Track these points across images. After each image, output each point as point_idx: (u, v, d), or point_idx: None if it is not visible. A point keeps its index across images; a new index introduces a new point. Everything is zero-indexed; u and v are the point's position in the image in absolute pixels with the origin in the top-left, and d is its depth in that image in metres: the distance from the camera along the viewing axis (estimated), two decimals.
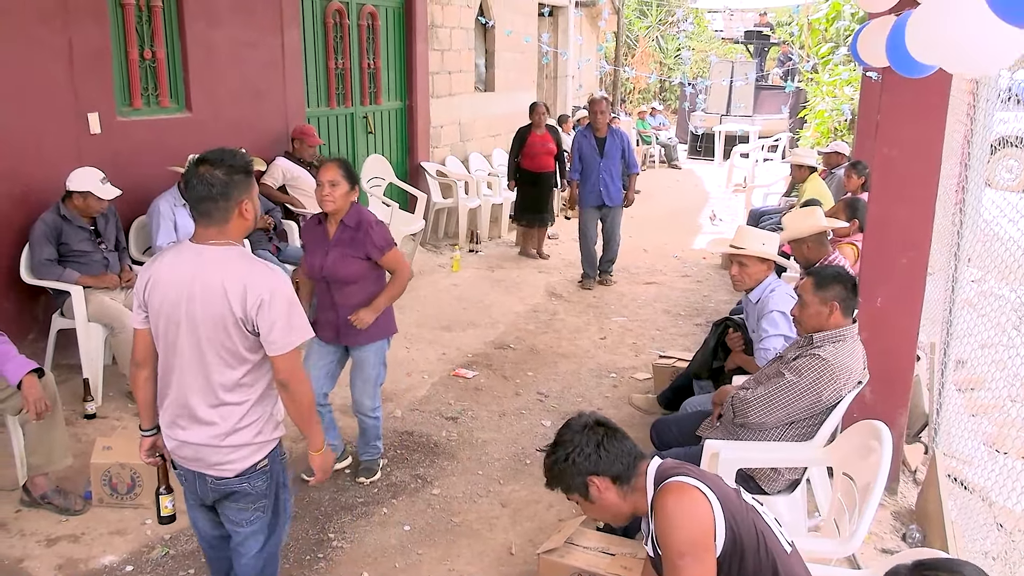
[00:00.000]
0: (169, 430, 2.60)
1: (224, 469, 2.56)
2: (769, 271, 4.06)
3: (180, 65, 6.08)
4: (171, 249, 2.58)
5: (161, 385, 2.61)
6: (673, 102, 23.43)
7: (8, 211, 4.93)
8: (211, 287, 2.43)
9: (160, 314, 2.51)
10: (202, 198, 2.47)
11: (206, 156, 2.51)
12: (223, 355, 2.48)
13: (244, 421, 2.55)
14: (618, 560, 3.22)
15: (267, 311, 2.43)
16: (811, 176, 7.61)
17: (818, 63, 13.94)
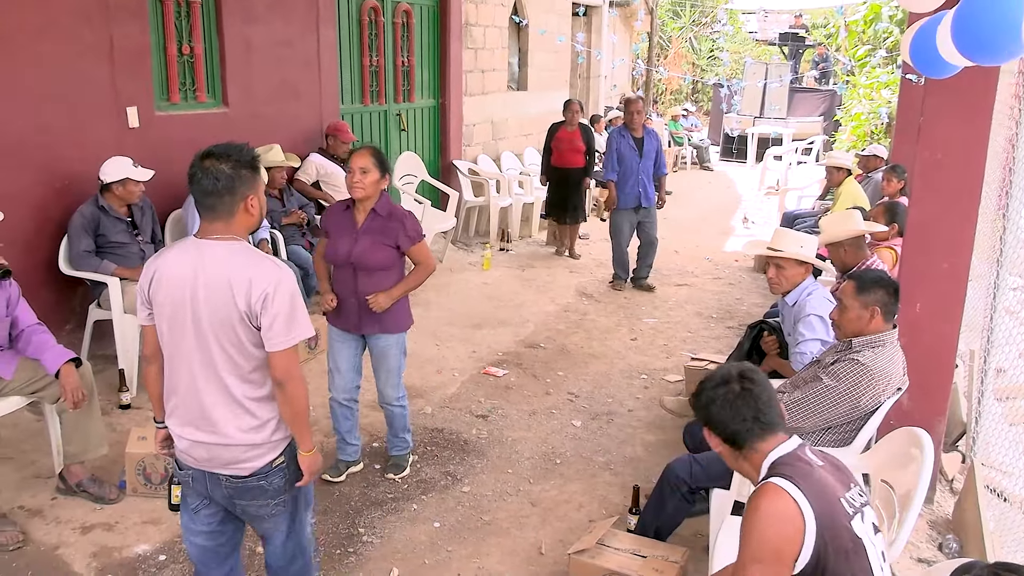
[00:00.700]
0: (180, 430, 2.53)
1: (239, 468, 2.52)
2: (806, 274, 4.01)
3: (218, 61, 6.13)
4: (175, 245, 2.53)
5: (167, 384, 2.56)
6: (705, 104, 23.28)
7: (48, 203, 5.00)
8: (216, 283, 2.39)
9: (165, 312, 2.47)
10: (207, 192, 2.42)
11: (211, 150, 2.45)
12: (231, 352, 2.44)
13: (258, 419, 2.51)
14: (650, 563, 3.19)
15: (270, 305, 2.38)
16: (847, 179, 7.51)
17: (855, 65, 13.78)
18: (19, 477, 4.06)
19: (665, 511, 3.45)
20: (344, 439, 4.22)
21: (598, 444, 4.73)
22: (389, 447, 4.35)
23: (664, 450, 4.63)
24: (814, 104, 17.54)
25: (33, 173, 4.92)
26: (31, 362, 3.76)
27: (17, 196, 4.73)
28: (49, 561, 3.47)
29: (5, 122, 4.72)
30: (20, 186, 4.82)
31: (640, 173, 7.62)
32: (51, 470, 4.03)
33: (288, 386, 2.46)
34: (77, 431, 3.82)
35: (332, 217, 4.05)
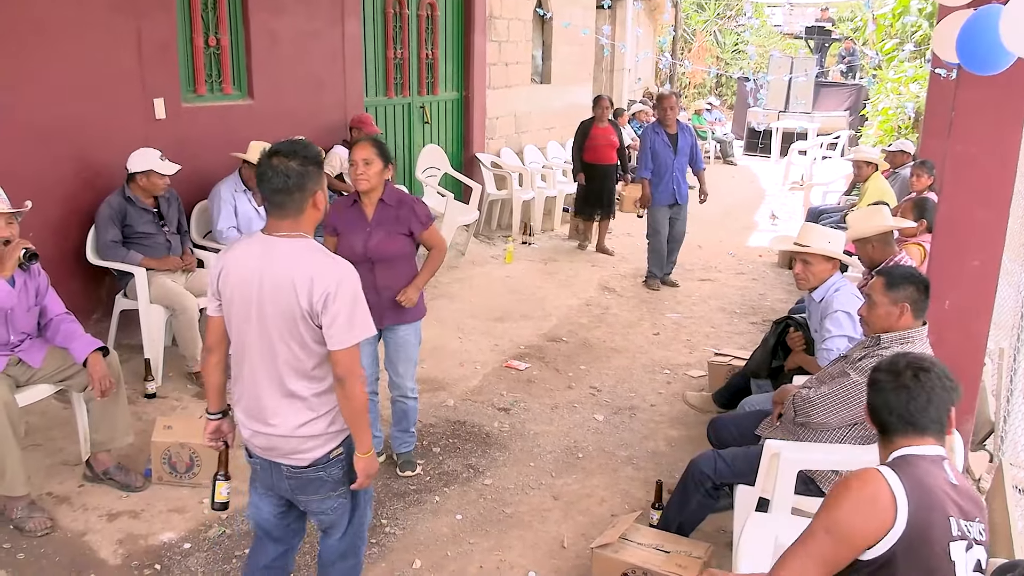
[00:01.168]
0: (244, 420, 2.61)
1: (298, 459, 2.56)
2: (834, 270, 3.97)
3: (243, 53, 6.16)
4: (242, 240, 2.59)
5: (234, 375, 2.63)
6: (729, 97, 23.13)
7: (76, 194, 5.05)
8: (280, 280, 2.43)
9: (231, 306, 2.53)
10: (278, 190, 2.45)
11: (280, 148, 2.49)
12: (293, 347, 2.48)
13: (315, 412, 2.54)
14: (673, 558, 3.18)
15: (331, 304, 2.41)
16: (873, 175, 7.44)
17: (882, 59, 13.62)
18: (47, 464, 4.10)
19: (688, 506, 3.43)
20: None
21: (620, 439, 4.72)
22: (397, 444, 4.26)
23: (687, 445, 4.61)
24: (840, 98, 17.37)
25: (62, 163, 4.97)
26: (59, 351, 3.81)
27: (46, 186, 4.77)
28: (76, 547, 3.51)
29: (35, 113, 4.76)
30: (49, 176, 4.87)
31: (675, 170, 7.50)
32: (78, 458, 4.07)
33: (348, 383, 2.48)
34: (104, 419, 3.86)
35: (339, 214, 3.91)
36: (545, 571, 3.50)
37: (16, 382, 3.72)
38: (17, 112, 4.67)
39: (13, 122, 4.66)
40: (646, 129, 7.92)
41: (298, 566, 3.44)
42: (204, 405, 4.70)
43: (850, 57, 18.24)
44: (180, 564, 3.43)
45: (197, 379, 5.01)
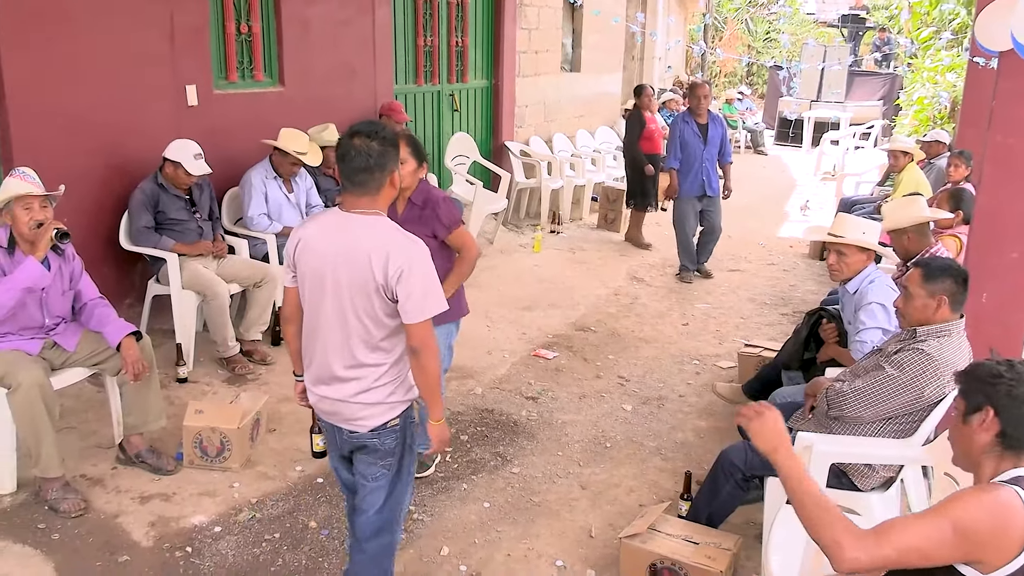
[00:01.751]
0: (313, 386, 2.74)
1: (357, 424, 2.68)
2: (868, 261, 3.91)
3: (275, 40, 6.18)
4: (319, 215, 2.71)
5: (306, 343, 2.74)
6: (760, 87, 22.88)
7: (110, 180, 5.10)
8: (357, 254, 2.53)
9: (307, 278, 2.64)
10: (360, 169, 2.55)
11: (359, 129, 2.59)
12: (364, 319, 2.59)
13: (379, 382, 2.66)
14: (702, 550, 3.16)
15: (406, 280, 2.51)
16: (908, 165, 7.32)
17: (918, 48, 13.40)
18: (81, 447, 4.16)
19: (718, 498, 3.41)
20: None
21: (649, 429, 4.70)
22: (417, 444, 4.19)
23: (716, 436, 4.58)
24: (874, 88, 17.11)
25: (95, 150, 5.02)
26: (93, 335, 3.85)
27: (80, 172, 4.82)
28: (110, 529, 3.55)
29: (69, 99, 4.81)
30: (83, 162, 4.91)
31: (704, 160, 7.36)
32: (112, 440, 4.13)
33: (422, 355, 2.60)
34: (137, 403, 3.90)
35: None
36: (572, 560, 3.50)
37: (51, 365, 3.77)
38: (51, 99, 4.72)
39: (47, 109, 4.71)
40: (676, 118, 7.80)
41: (326, 550, 3.47)
42: (234, 390, 4.77)
43: (885, 46, 17.95)
44: (211, 547, 3.47)
45: (228, 364, 5.06)
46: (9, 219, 3.60)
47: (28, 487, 3.74)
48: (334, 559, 3.42)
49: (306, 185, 5.87)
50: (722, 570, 3.06)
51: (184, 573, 3.30)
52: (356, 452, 2.77)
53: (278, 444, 4.31)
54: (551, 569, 3.44)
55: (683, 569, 3.11)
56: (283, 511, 3.74)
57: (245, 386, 4.92)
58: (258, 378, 5.05)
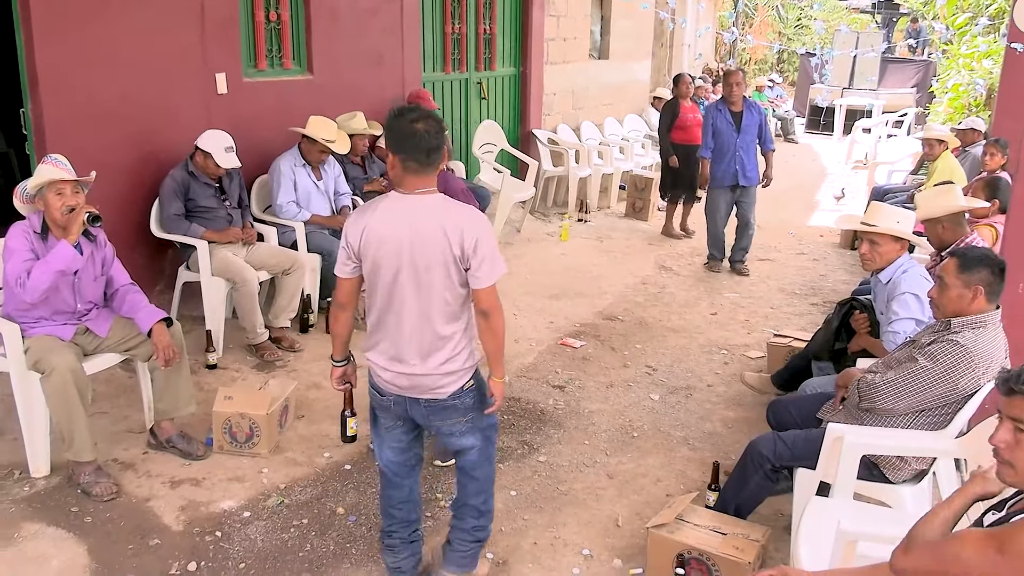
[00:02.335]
0: (388, 365, 2.83)
1: (439, 392, 2.83)
2: (902, 251, 3.85)
3: (303, 28, 6.19)
4: (380, 202, 2.78)
5: (375, 325, 2.84)
6: (791, 74, 22.62)
7: (141, 167, 5.14)
8: (431, 231, 2.67)
9: (379, 262, 2.73)
10: (427, 149, 2.67)
11: (418, 112, 2.70)
12: (444, 293, 2.73)
13: (456, 349, 2.81)
14: (730, 540, 3.14)
15: (480, 248, 2.69)
16: (943, 153, 7.20)
17: (953, 34, 13.15)
18: (113, 431, 4.21)
19: (747, 488, 3.38)
20: None
21: (676, 419, 4.67)
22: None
23: (744, 427, 4.55)
24: (907, 75, 16.87)
25: (126, 138, 5.06)
26: (125, 321, 3.89)
27: (112, 160, 4.86)
28: (141, 512, 3.60)
29: (102, 88, 4.85)
30: (115, 150, 4.96)
31: (738, 150, 7.16)
32: (143, 425, 4.17)
33: (493, 316, 2.80)
34: (167, 389, 3.94)
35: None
36: (599, 549, 3.49)
37: (84, 351, 3.81)
38: (84, 88, 4.76)
39: (80, 97, 4.75)
40: (709, 107, 7.68)
41: (354, 536, 3.49)
42: (263, 377, 4.80)
43: (919, 35, 17.65)
44: (240, 532, 3.50)
45: (256, 351, 5.09)
46: (42, 205, 3.64)
47: (61, 471, 3.80)
48: (361, 545, 3.44)
49: (334, 173, 5.88)
50: (750, 561, 3.03)
51: (214, 557, 3.34)
52: (433, 420, 2.92)
53: (306, 430, 4.34)
54: (577, 558, 3.43)
55: (711, 560, 3.09)
56: (311, 497, 3.77)
57: (274, 373, 4.95)
58: (286, 365, 5.08)
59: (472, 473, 3.08)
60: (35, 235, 3.65)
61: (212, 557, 3.34)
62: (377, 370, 2.88)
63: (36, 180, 3.62)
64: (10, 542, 3.35)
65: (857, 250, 4.06)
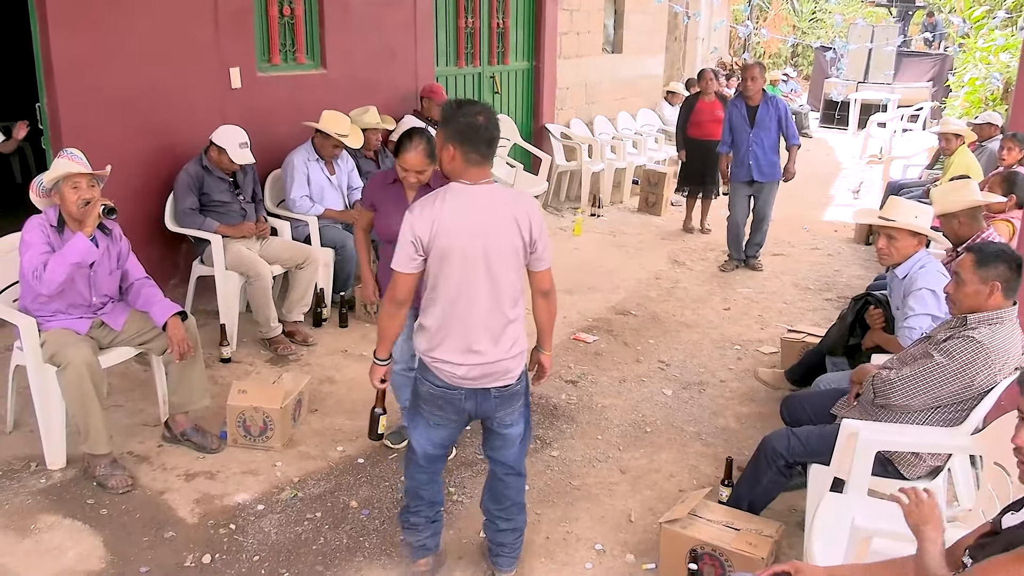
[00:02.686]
0: (461, 358, 2.83)
1: (509, 377, 2.90)
2: (920, 246, 3.82)
3: (317, 22, 6.20)
4: (446, 194, 2.75)
5: (443, 319, 2.82)
6: (806, 68, 22.48)
7: (156, 162, 5.17)
8: (502, 220, 2.75)
9: (452, 253, 2.73)
10: (488, 140, 2.72)
11: (477, 107, 2.73)
12: (512, 278, 2.81)
13: (518, 331, 2.91)
14: (743, 536, 3.13)
15: (542, 233, 2.82)
16: (960, 148, 7.14)
17: (970, 28, 13.04)
18: (128, 424, 4.24)
19: (760, 484, 3.37)
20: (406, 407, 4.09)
21: (689, 414, 4.67)
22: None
23: (757, 422, 4.53)
24: (923, 69, 16.72)
25: (142, 132, 5.09)
26: (140, 314, 3.91)
27: (127, 154, 4.89)
28: (156, 505, 3.62)
29: (116, 82, 4.88)
30: (130, 145, 4.98)
31: (752, 144, 7.06)
32: (158, 419, 4.20)
33: (552, 294, 3.00)
34: (182, 382, 3.95)
35: (378, 190, 3.84)
36: (611, 544, 3.49)
37: (99, 344, 3.84)
38: (99, 82, 4.78)
39: (95, 92, 4.77)
40: (729, 102, 7.63)
41: (367, 530, 3.50)
42: (276, 371, 4.81)
43: (935, 29, 17.50)
44: (254, 525, 3.52)
45: (270, 345, 5.11)
46: (58, 199, 3.66)
47: (77, 463, 3.82)
48: (374, 538, 3.45)
49: (348, 167, 5.89)
50: (763, 557, 3.03)
51: (228, 550, 3.35)
52: (500, 410, 2.94)
53: (319, 424, 4.36)
54: (590, 553, 3.43)
55: (724, 555, 3.08)
56: (324, 490, 3.78)
57: (287, 366, 4.97)
58: (300, 359, 5.10)
59: (518, 467, 3.14)
60: (51, 228, 3.68)
61: (226, 550, 3.35)
62: (445, 367, 2.85)
63: (52, 174, 3.64)
64: (27, 533, 3.38)
65: (873, 245, 4.02)
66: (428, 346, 2.88)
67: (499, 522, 3.17)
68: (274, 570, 3.25)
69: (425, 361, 2.91)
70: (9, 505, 3.55)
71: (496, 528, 3.19)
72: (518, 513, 3.18)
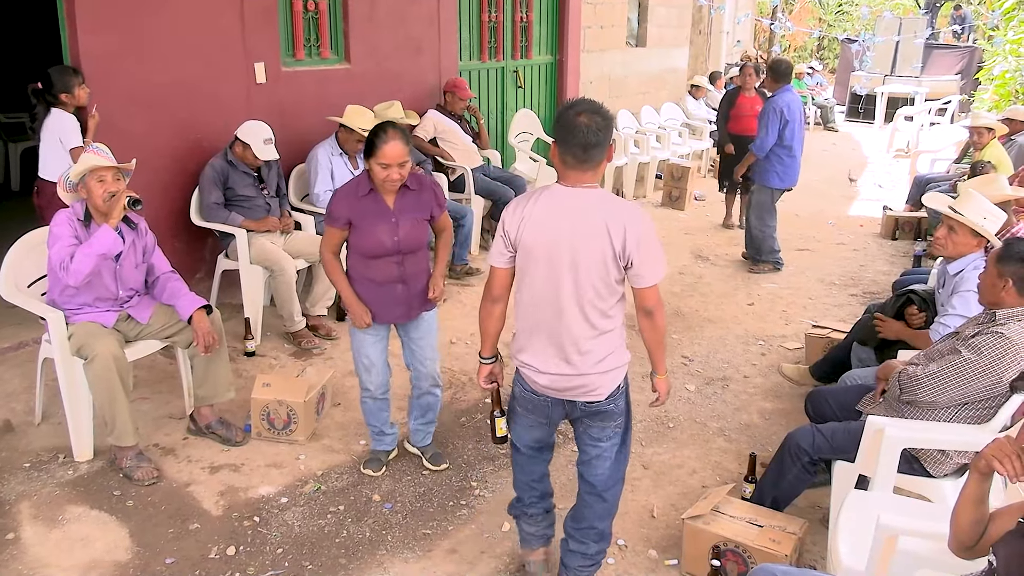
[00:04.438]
0: (544, 366, 2.78)
1: (596, 394, 2.78)
2: (979, 247, 3.71)
3: (341, 17, 6.21)
4: (542, 193, 2.71)
5: (527, 322, 2.80)
6: (832, 61, 22.27)
7: (181, 156, 5.21)
8: (593, 226, 2.61)
9: (537, 254, 2.68)
10: (589, 145, 2.58)
11: (582, 107, 2.61)
12: (600, 288, 2.66)
13: (611, 347, 2.77)
14: (766, 532, 3.11)
15: (644, 248, 2.63)
16: (991, 142, 7.04)
17: (1000, 20, 12.85)
18: (154, 416, 4.28)
19: (784, 481, 3.35)
20: (382, 431, 3.90)
21: (712, 410, 4.64)
22: (421, 437, 3.97)
23: (781, 419, 4.50)
24: (951, 61, 16.51)
25: (168, 126, 5.12)
26: (166, 308, 3.95)
27: (153, 149, 4.94)
28: (181, 497, 3.65)
29: (143, 77, 4.92)
30: (156, 139, 5.03)
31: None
32: (183, 411, 4.24)
33: (657, 314, 2.79)
34: (207, 375, 3.99)
35: (351, 204, 3.48)
36: (634, 540, 3.48)
37: (125, 337, 3.88)
38: (125, 77, 4.82)
39: (122, 88, 4.82)
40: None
41: (389, 524, 3.51)
42: (300, 364, 4.84)
43: (963, 22, 17.26)
44: (277, 517, 3.54)
45: (294, 339, 5.14)
46: (85, 193, 3.70)
47: (104, 455, 3.87)
48: (397, 532, 3.47)
49: None
50: (787, 554, 3.01)
51: (252, 542, 3.38)
52: (588, 423, 2.87)
53: (343, 418, 4.38)
54: (612, 548, 3.42)
55: (747, 552, 3.06)
56: (347, 484, 3.80)
57: (311, 360, 5.00)
58: (323, 352, 5.12)
59: (603, 494, 2.99)
60: (79, 222, 3.71)
61: (250, 542, 3.38)
62: (530, 372, 2.81)
63: (79, 168, 3.68)
64: (55, 524, 3.42)
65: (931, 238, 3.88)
66: (517, 348, 2.86)
67: (571, 542, 3.08)
68: (297, 562, 3.27)
69: (515, 363, 2.88)
70: (38, 496, 3.60)
71: (566, 547, 3.10)
72: (595, 540, 3.05)
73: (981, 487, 2.16)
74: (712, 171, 10.83)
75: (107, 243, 3.62)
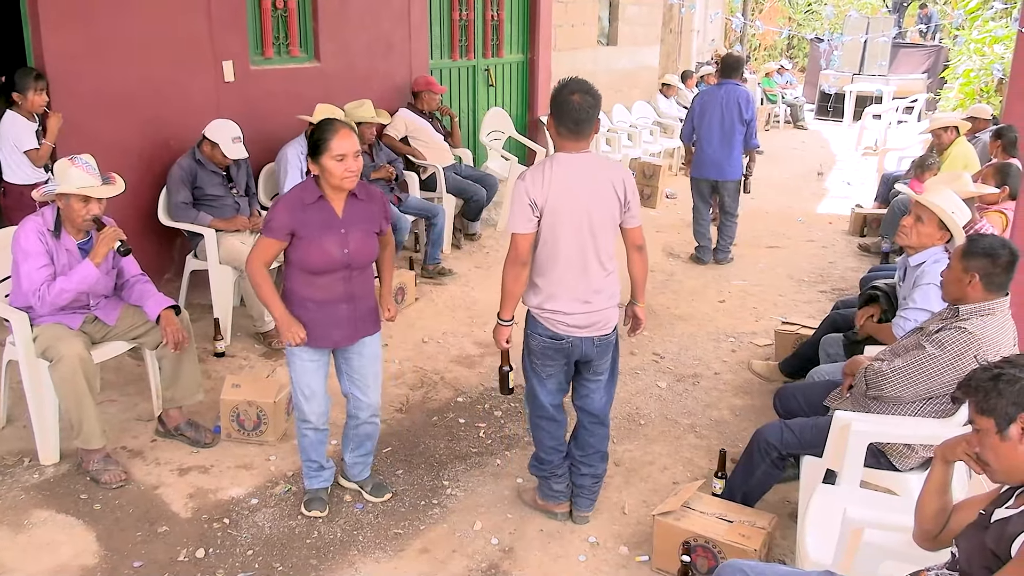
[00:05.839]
0: (573, 308, 3.19)
1: (609, 326, 3.29)
2: (942, 241, 3.74)
3: (310, 15, 6.18)
4: (553, 163, 3.11)
5: (553, 276, 3.18)
6: (801, 60, 22.47)
7: (148, 156, 5.16)
8: (604, 183, 3.13)
9: (565, 215, 3.09)
10: (581, 120, 3.05)
11: (575, 87, 3.06)
12: (609, 234, 3.19)
13: (616, 283, 3.29)
14: (736, 528, 3.14)
15: (632, 193, 3.19)
16: (957, 140, 7.11)
17: (965, 19, 13.04)
18: (122, 419, 4.23)
19: (753, 476, 3.38)
20: (322, 466, 3.59)
21: (683, 406, 4.67)
22: (360, 471, 3.69)
23: (751, 415, 4.54)
24: (918, 60, 16.72)
25: (135, 126, 5.07)
26: (133, 309, 3.91)
27: (119, 148, 4.89)
28: (149, 500, 3.62)
29: (109, 76, 4.87)
30: (122, 138, 4.97)
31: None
32: (151, 413, 4.20)
33: (644, 249, 3.37)
34: (176, 377, 3.95)
35: (295, 214, 3.16)
36: (605, 536, 3.50)
37: (92, 339, 3.83)
38: (91, 76, 4.76)
39: (88, 88, 4.76)
40: None
41: (361, 524, 3.50)
42: (270, 365, 4.80)
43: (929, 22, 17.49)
44: (248, 519, 3.52)
45: (264, 339, 5.11)
46: (62, 203, 3.62)
47: (70, 458, 3.83)
48: (368, 532, 3.46)
49: None
50: (756, 548, 3.04)
51: (222, 544, 3.36)
52: (599, 358, 3.32)
53: None
54: (583, 545, 3.44)
55: (717, 547, 3.09)
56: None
57: (281, 361, 4.96)
58: None
59: (604, 419, 3.48)
60: (48, 233, 3.64)
61: (220, 544, 3.36)
62: (559, 316, 3.19)
63: (66, 185, 3.53)
64: (20, 529, 3.38)
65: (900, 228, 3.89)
66: (541, 300, 3.22)
67: (581, 467, 3.51)
68: (267, 564, 3.25)
69: (536, 314, 3.25)
70: (2, 501, 3.55)
71: (578, 472, 3.52)
72: (599, 461, 3.52)
73: (944, 475, 2.26)
74: (683, 169, 10.87)
75: (89, 280, 3.62)
